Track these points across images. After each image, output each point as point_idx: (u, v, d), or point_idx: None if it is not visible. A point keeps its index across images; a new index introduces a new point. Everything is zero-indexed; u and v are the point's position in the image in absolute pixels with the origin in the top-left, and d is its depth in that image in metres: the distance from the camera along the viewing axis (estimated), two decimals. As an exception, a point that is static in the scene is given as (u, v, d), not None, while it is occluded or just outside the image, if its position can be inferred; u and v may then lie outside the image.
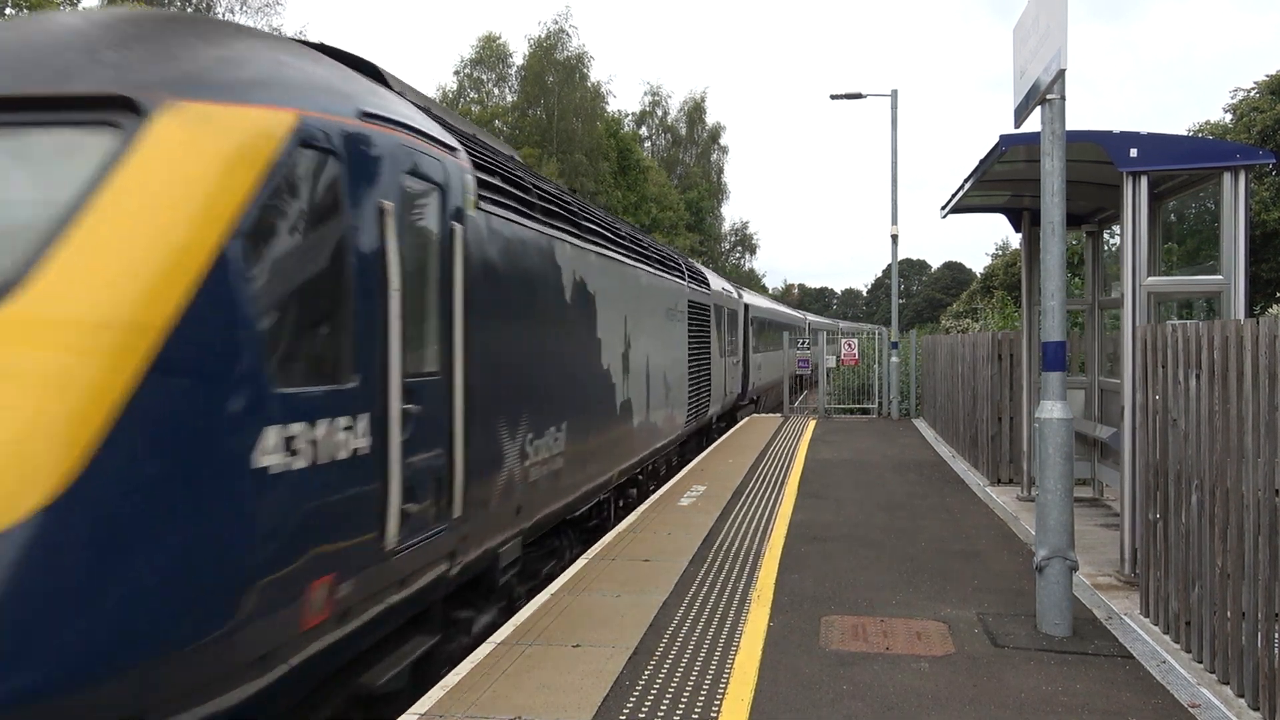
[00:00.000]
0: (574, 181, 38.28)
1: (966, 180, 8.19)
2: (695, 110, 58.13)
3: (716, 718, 4.27)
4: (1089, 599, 6.19)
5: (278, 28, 30.31)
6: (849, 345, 22.11)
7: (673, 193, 51.38)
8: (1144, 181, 6.45)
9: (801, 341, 27.86)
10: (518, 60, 44.02)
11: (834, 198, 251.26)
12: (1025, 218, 9.77)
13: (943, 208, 9.51)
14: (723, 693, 4.56)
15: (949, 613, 5.90)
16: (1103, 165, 7.06)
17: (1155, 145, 6.40)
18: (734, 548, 7.66)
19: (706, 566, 7.03)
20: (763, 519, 8.89)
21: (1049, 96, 5.43)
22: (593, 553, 7.50)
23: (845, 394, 22.78)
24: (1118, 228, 7.56)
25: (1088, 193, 8.63)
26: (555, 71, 42.42)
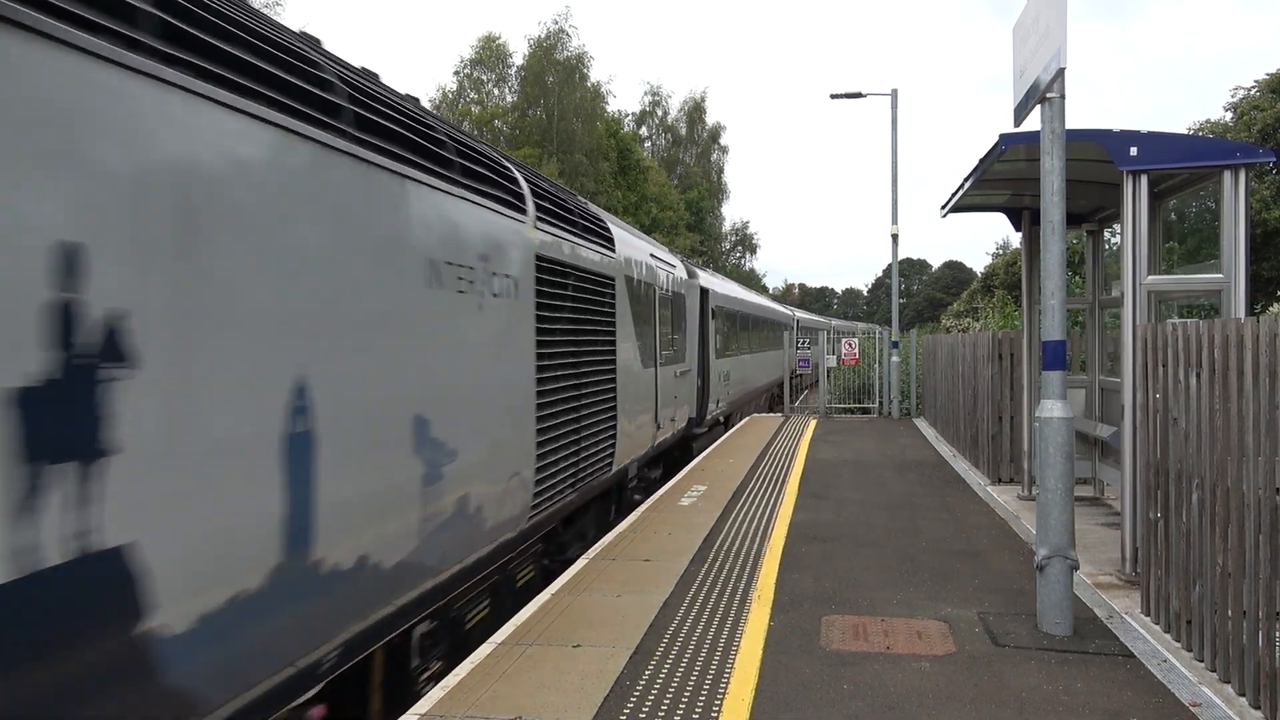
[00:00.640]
0: (574, 182, 38.30)
1: (967, 179, 8.19)
2: (695, 110, 58.13)
3: (717, 718, 4.27)
4: (1090, 598, 6.18)
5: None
6: (849, 345, 22.11)
7: (673, 193, 51.37)
8: (1144, 180, 6.45)
9: (804, 341, 28.02)
10: (518, 60, 44.04)
11: (834, 197, 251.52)
12: (1025, 217, 9.77)
13: (943, 207, 9.51)
14: (723, 693, 4.56)
15: (950, 612, 5.90)
16: (1103, 164, 7.06)
17: (1155, 144, 6.40)
18: (734, 547, 7.66)
19: (707, 566, 7.03)
20: (763, 519, 8.89)
21: (1049, 95, 5.43)
22: (593, 552, 7.50)
23: (846, 393, 22.78)
24: (1118, 226, 7.55)
25: (1088, 192, 8.62)
26: (555, 72, 42.41)
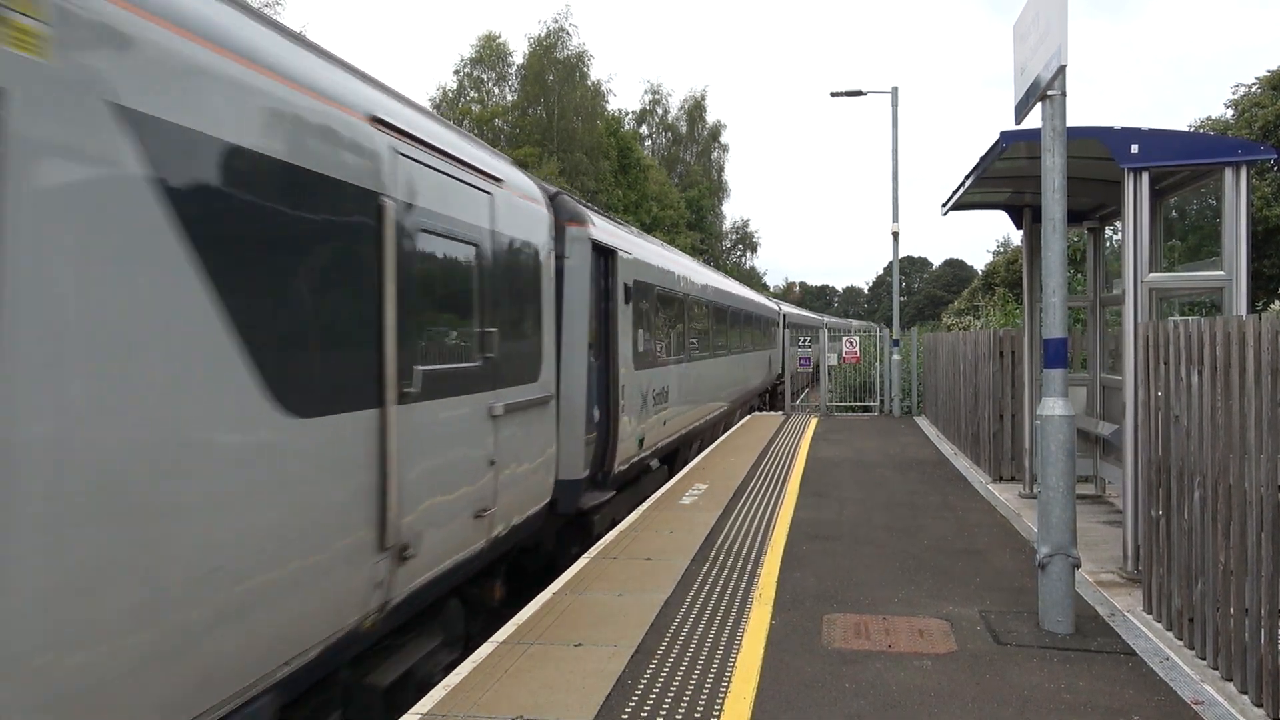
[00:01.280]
0: (575, 180, 38.29)
1: (967, 177, 8.18)
2: (695, 108, 58.11)
3: (719, 717, 4.27)
4: (1091, 596, 6.18)
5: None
6: (850, 343, 22.10)
7: (673, 191, 51.35)
8: (1145, 178, 6.44)
9: (805, 339, 27.85)
10: (518, 59, 44.05)
11: (835, 196, 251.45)
12: (1026, 214, 9.76)
13: (944, 205, 9.50)
14: (725, 692, 4.56)
15: (951, 610, 5.89)
16: (1104, 161, 7.05)
17: (1156, 141, 6.39)
18: (736, 546, 7.66)
19: (708, 565, 7.03)
20: (764, 517, 8.89)
21: (1049, 93, 5.43)
22: (594, 551, 7.50)
23: (847, 392, 22.78)
24: (1119, 224, 7.55)
25: (1089, 189, 8.61)
26: (555, 70, 42.41)
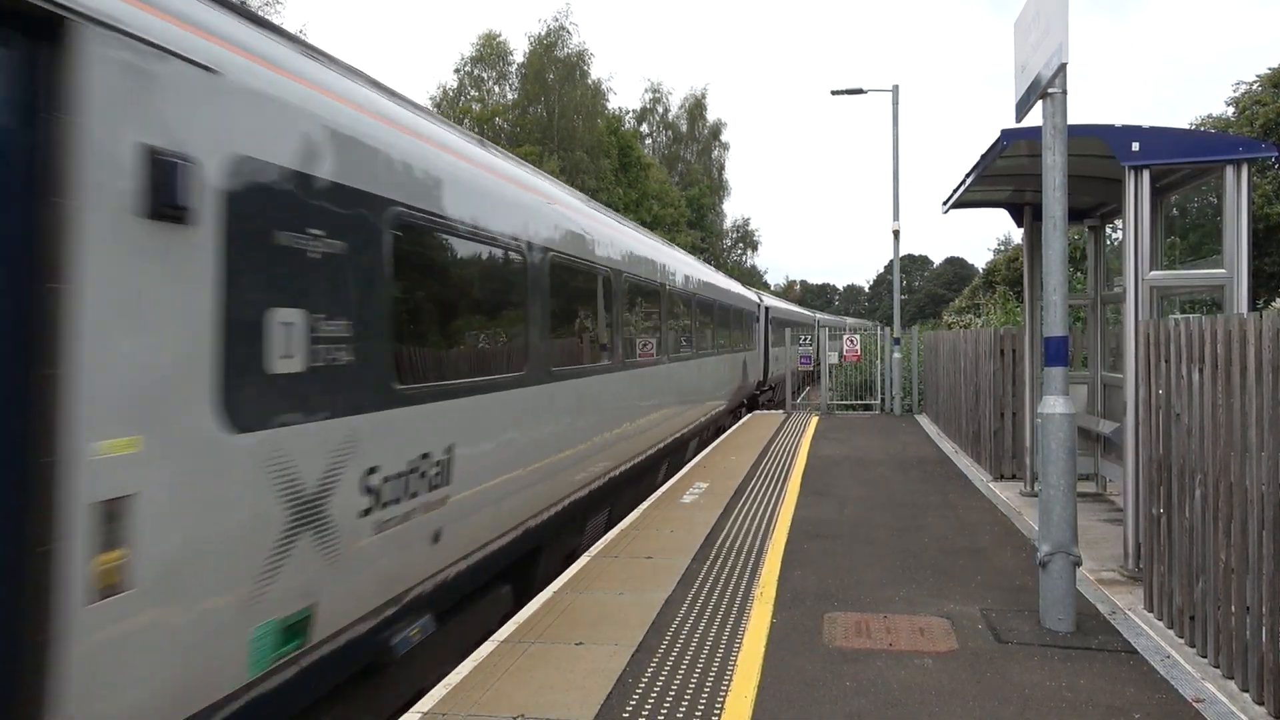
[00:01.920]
0: (575, 179, 38.27)
1: (968, 175, 8.17)
2: (696, 107, 58.10)
3: (720, 716, 4.27)
4: (1092, 594, 6.18)
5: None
6: (851, 342, 22.10)
7: (674, 190, 51.33)
8: (1146, 175, 6.43)
9: (804, 338, 26.92)
10: (518, 58, 44.03)
11: (836, 194, 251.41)
12: (1027, 213, 9.75)
13: (944, 203, 9.49)
14: (726, 690, 4.56)
15: (952, 609, 5.89)
16: (1105, 159, 7.04)
17: (1157, 139, 6.38)
18: (736, 545, 7.66)
19: (709, 564, 7.03)
20: (765, 516, 8.88)
21: (1050, 91, 5.42)
22: (595, 550, 7.50)
23: (848, 390, 22.77)
24: (1120, 222, 7.54)
25: (1090, 187, 8.61)
26: (555, 69, 42.40)
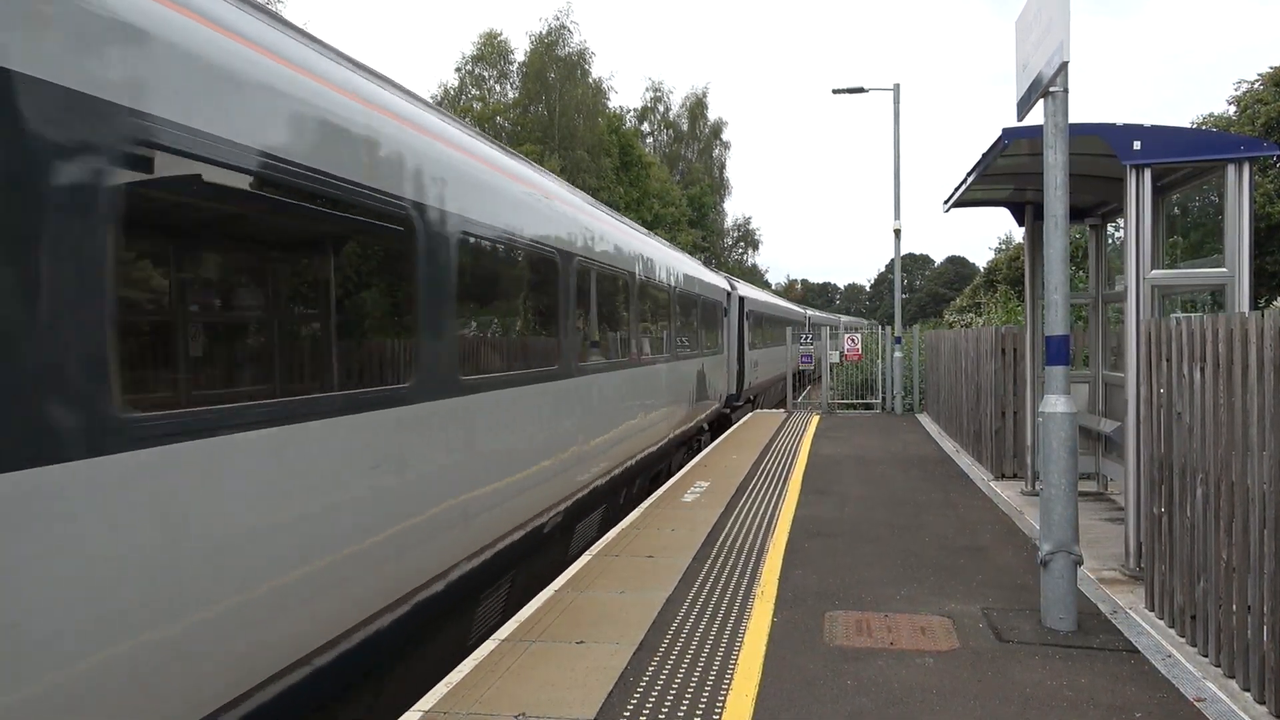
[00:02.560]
0: (576, 178, 38.26)
1: (969, 174, 8.17)
2: (697, 106, 58.06)
3: (721, 714, 4.27)
4: (1093, 593, 6.18)
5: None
6: (852, 340, 22.10)
7: (675, 189, 51.30)
8: (1147, 174, 6.42)
9: (806, 336, 26.41)
10: (519, 57, 43.97)
11: (837, 193, 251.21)
12: (1028, 211, 9.74)
13: (946, 202, 9.49)
14: (727, 689, 4.56)
15: (953, 608, 5.89)
16: (1106, 158, 7.03)
17: (1158, 138, 6.38)
18: (737, 544, 7.66)
19: (710, 563, 7.03)
20: (766, 515, 8.88)
21: (1051, 89, 5.41)
22: (596, 549, 7.50)
23: (849, 389, 22.76)
24: (1121, 221, 7.54)
25: (1091, 186, 8.60)
26: (556, 68, 42.35)
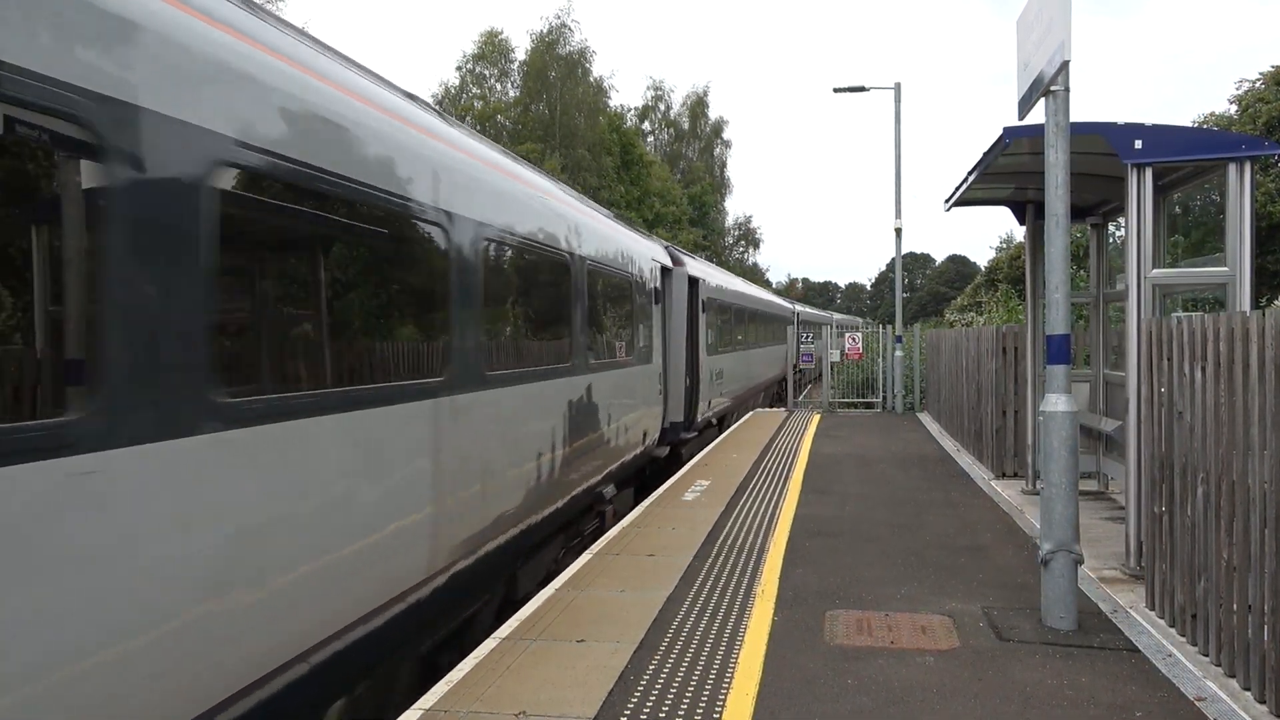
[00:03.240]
0: (577, 177, 38.25)
1: (970, 173, 8.17)
2: (698, 105, 58.07)
3: (721, 713, 4.27)
4: (1094, 593, 6.17)
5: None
6: (852, 340, 22.11)
7: (675, 187, 51.31)
8: (1149, 173, 6.42)
9: (807, 335, 25.51)
10: (520, 56, 43.98)
11: (838, 192, 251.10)
12: (1029, 210, 9.74)
13: (947, 201, 9.48)
14: (727, 687, 4.56)
15: (954, 607, 5.89)
16: (1107, 157, 7.03)
17: (1160, 137, 6.37)
18: (738, 543, 7.66)
19: (710, 562, 7.03)
20: (767, 514, 8.88)
21: (1053, 88, 5.41)
22: (596, 548, 7.50)
23: (849, 388, 22.76)
24: (1122, 220, 7.53)
25: (1092, 185, 8.60)
26: (557, 67, 42.35)
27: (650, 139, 56.14)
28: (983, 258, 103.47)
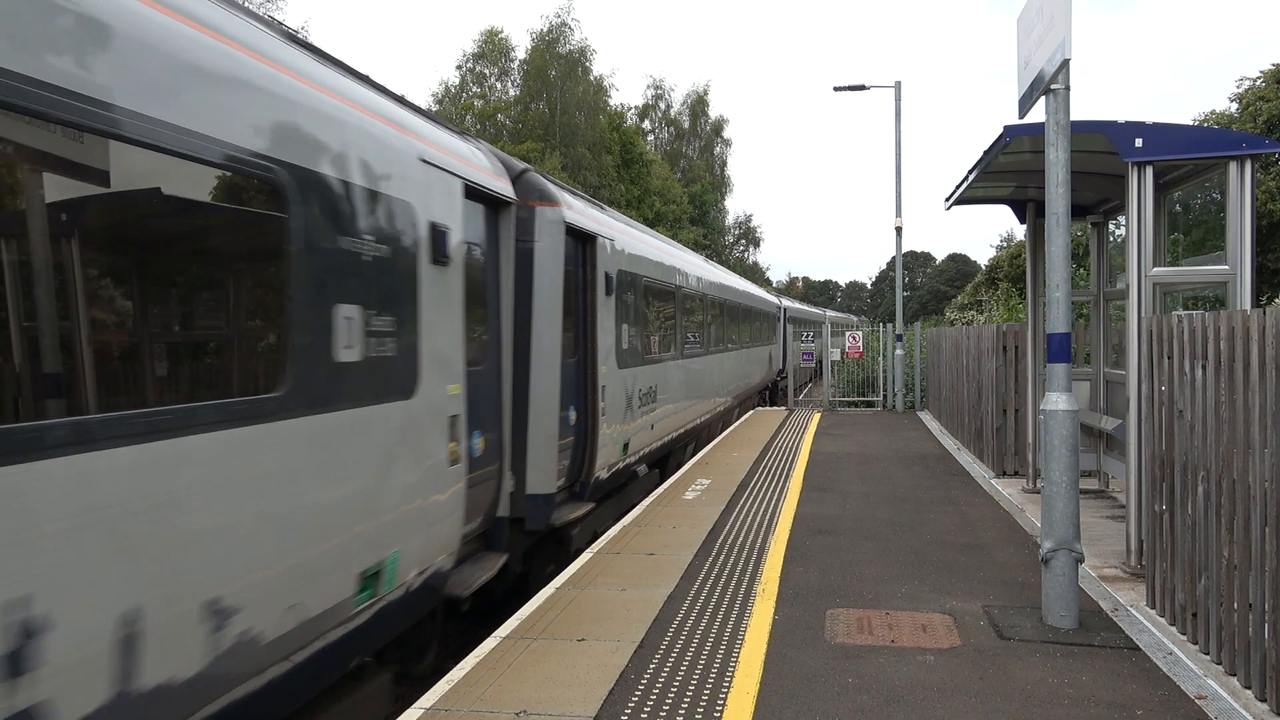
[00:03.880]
0: (577, 176, 38.25)
1: (971, 171, 8.16)
2: (698, 103, 58.04)
3: (722, 712, 4.27)
4: (1095, 591, 6.18)
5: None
6: (853, 339, 22.11)
7: (676, 186, 51.31)
8: (1149, 171, 6.42)
9: (808, 335, 25.61)
10: (520, 54, 43.98)
11: (838, 191, 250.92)
12: (1030, 209, 9.73)
13: (947, 199, 9.48)
14: (728, 686, 4.56)
15: (954, 605, 5.89)
16: (1108, 155, 7.03)
17: (1160, 135, 6.37)
18: (739, 541, 7.66)
19: (711, 560, 7.03)
20: (768, 512, 8.89)
21: (1053, 86, 5.40)
22: (597, 547, 7.51)
23: (850, 387, 22.77)
24: (1123, 218, 7.53)
25: (1093, 183, 8.59)
26: (558, 65, 42.34)
27: (650, 138, 56.16)
28: (983, 256, 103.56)
